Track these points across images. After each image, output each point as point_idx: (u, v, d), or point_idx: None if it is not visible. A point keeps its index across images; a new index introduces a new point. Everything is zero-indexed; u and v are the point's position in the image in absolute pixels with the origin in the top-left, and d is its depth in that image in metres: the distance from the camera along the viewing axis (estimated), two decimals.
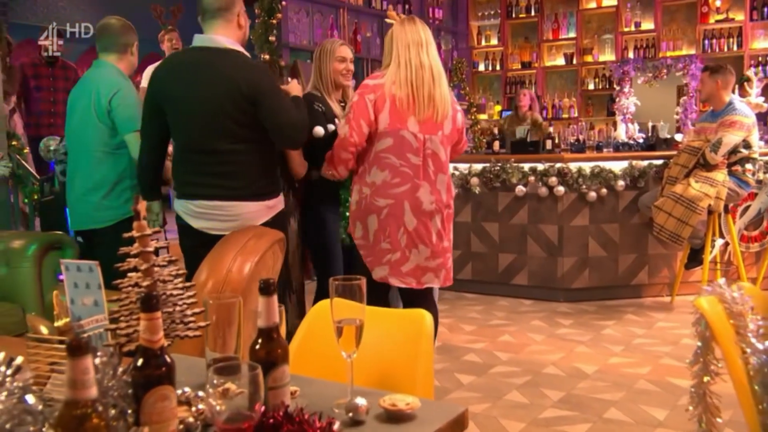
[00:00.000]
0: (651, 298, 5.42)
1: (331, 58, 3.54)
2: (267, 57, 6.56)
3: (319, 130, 3.30)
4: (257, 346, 1.13)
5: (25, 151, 4.72)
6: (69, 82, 6.34)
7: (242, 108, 2.73)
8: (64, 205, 4.22)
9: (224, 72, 2.77)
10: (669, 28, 8.35)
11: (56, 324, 1.30)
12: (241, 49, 2.85)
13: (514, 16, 9.22)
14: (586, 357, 4.08)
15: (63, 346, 1.28)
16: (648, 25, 8.43)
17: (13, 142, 4.66)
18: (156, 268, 1.18)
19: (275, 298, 1.12)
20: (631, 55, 8.46)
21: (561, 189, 5.26)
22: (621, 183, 5.28)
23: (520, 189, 5.38)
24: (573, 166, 5.28)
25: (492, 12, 9.37)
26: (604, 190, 5.28)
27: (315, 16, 7.26)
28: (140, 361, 1.03)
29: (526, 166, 5.41)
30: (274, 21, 6.66)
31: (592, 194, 5.26)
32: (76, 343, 0.84)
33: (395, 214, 3.02)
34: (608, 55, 8.71)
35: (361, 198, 3.09)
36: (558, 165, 5.30)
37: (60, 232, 3.96)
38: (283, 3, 6.72)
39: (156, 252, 1.18)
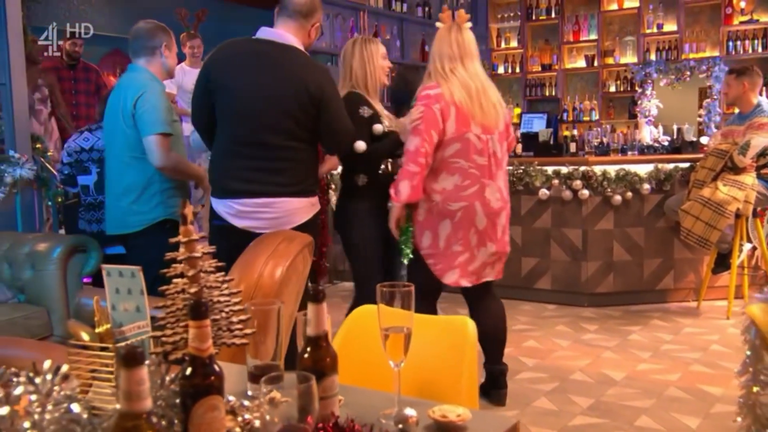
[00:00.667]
0: (677, 304, 5.34)
1: (377, 55, 3.41)
2: None
3: (360, 145, 3.21)
4: (306, 355, 1.10)
5: (49, 153, 4.72)
6: (91, 84, 6.35)
7: (306, 108, 2.76)
8: None
9: (291, 69, 2.77)
10: (692, 29, 8.26)
11: (97, 330, 1.27)
12: (302, 47, 2.86)
13: (534, 18, 9.16)
14: (613, 363, 4.01)
15: (105, 353, 1.26)
16: (671, 26, 8.33)
17: (37, 145, 4.66)
18: (202, 274, 1.15)
19: (324, 305, 1.09)
20: (653, 57, 8.36)
21: (585, 192, 5.20)
22: (646, 186, 5.21)
23: (544, 192, 5.32)
24: (598, 169, 5.22)
25: (512, 14, 9.32)
26: (629, 194, 5.22)
27: (336, 19, 7.24)
28: (189, 370, 1.00)
29: (550, 169, 5.35)
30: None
31: (617, 197, 5.20)
32: (131, 353, 0.81)
33: (468, 216, 3.11)
34: (630, 57, 8.62)
35: (431, 206, 3.13)
36: (582, 168, 5.24)
37: (84, 235, 3.95)
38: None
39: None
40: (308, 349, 1.10)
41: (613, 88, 8.81)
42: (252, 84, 2.77)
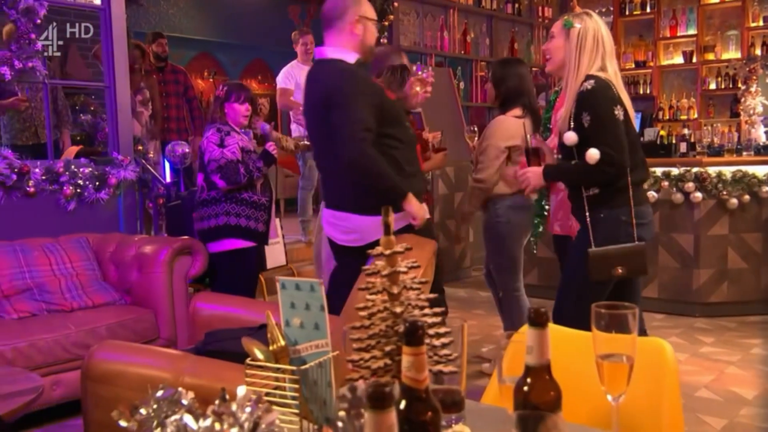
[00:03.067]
0: None
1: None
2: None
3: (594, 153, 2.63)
4: (526, 388, 0.95)
5: (150, 155, 4.75)
6: (179, 85, 6.40)
7: (321, 116, 2.76)
8: (190, 210, 4.21)
9: (318, 83, 2.83)
10: None
11: (270, 348, 1.16)
12: (345, 57, 2.79)
13: (627, 13, 8.79)
14: (740, 380, 3.72)
15: (280, 375, 1.14)
16: None
17: (138, 147, 4.69)
18: (405, 291, 1.02)
19: (548, 330, 0.94)
20: (758, 51, 7.88)
21: (698, 195, 4.89)
22: (765, 189, 4.86)
23: (652, 195, 5.03)
24: (712, 171, 4.90)
25: (604, 9, 8.97)
26: (746, 197, 4.88)
27: (425, 17, 7.10)
28: (403, 403, 0.87)
29: (659, 171, 5.06)
30: (386, 23, 6.58)
31: (733, 201, 4.87)
32: (379, 392, 0.68)
33: None
34: (732, 53, 8.16)
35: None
36: (695, 169, 4.93)
37: (190, 237, 3.93)
38: (395, 4, 6.64)
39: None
40: (528, 380, 0.95)
41: (713, 86, 8.36)
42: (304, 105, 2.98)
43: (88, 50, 6.12)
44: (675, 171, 4.99)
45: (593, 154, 2.53)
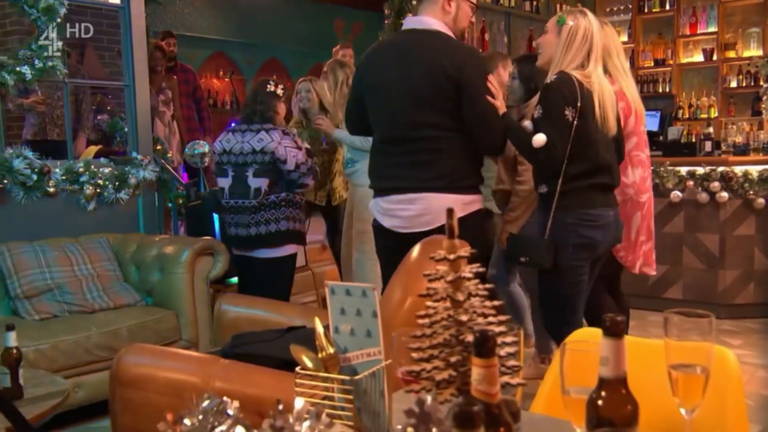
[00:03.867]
0: None
1: None
2: None
3: (540, 138, 2.67)
4: (600, 401, 0.89)
5: (169, 155, 4.71)
6: (189, 85, 6.36)
7: (445, 93, 2.58)
8: (211, 211, 4.18)
9: (426, 54, 2.62)
10: None
11: (319, 355, 1.11)
12: (448, 32, 2.67)
13: (646, 10, 8.67)
14: None
15: (330, 385, 1.09)
16: None
17: (157, 147, 4.66)
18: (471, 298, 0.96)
19: (624, 341, 0.88)
20: None
21: (724, 195, 4.80)
22: None
23: (676, 195, 4.95)
24: (738, 170, 4.82)
25: (622, 7, 8.86)
26: None
27: None
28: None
29: (683, 170, 4.97)
30: (402, 22, 6.52)
31: (760, 200, 4.78)
32: (466, 413, 0.63)
33: (651, 206, 3.18)
34: (754, 50, 8.02)
35: (625, 199, 3.02)
36: (721, 168, 4.84)
37: (211, 238, 3.90)
38: (413, 2, 6.57)
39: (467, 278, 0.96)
40: (603, 394, 0.89)
41: (734, 84, 8.23)
42: (390, 79, 2.68)
43: (105, 50, 6.10)
44: (700, 170, 4.91)
45: (540, 139, 2.57)
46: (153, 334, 3.45)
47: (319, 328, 1.12)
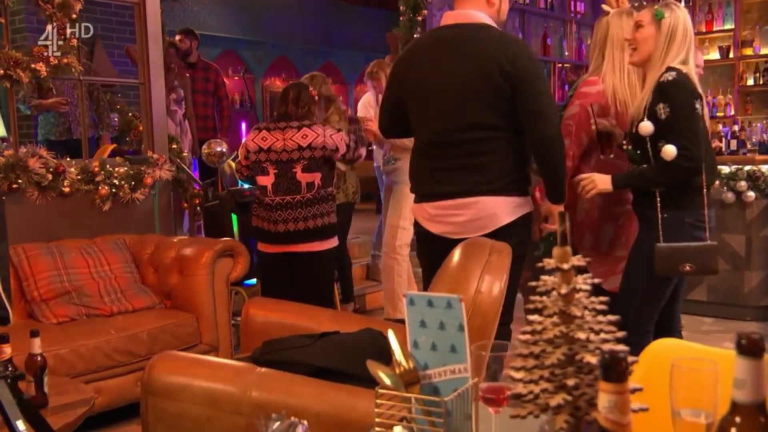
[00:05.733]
0: None
1: None
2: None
3: (671, 150, 2.44)
4: (734, 429, 0.80)
5: (185, 154, 4.62)
6: (209, 83, 6.26)
7: (499, 90, 2.43)
8: (229, 211, 4.09)
9: (477, 48, 2.45)
10: None
11: (397, 371, 1.01)
12: (495, 25, 2.53)
13: None
14: None
15: (409, 405, 1.00)
16: None
17: (173, 146, 4.57)
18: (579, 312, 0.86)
19: (764, 362, 0.79)
20: None
21: (751, 194, 4.70)
22: None
23: None
24: (765, 169, 4.71)
25: (635, 3, 8.76)
26: None
27: None
28: None
29: None
30: (420, 17, 6.42)
31: None
32: None
33: (632, 219, 2.80)
34: None
35: (592, 206, 2.79)
36: (747, 167, 4.74)
37: (231, 239, 3.81)
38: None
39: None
40: (737, 420, 0.80)
41: (751, 81, 8.12)
42: (438, 77, 2.52)
43: (114, 47, 6.02)
44: (726, 169, 4.80)
45: (670, 150, 2.43)
46: (173, 337, 3.36)
47: (395, 342, 1.02)
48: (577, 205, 2.88)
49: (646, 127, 2.47)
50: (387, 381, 1.00)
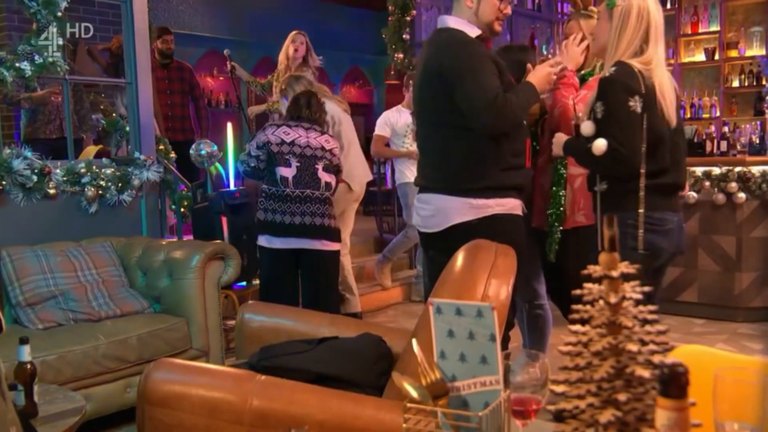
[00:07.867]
0: None
1: None
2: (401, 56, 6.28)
3: (600, 144, 2.37)
4: None
5: (171, 155, 4.54)
6: (185, 83, 6.16)
7: (436, 88, 2.54)
8: (219, 213, 4.02)
9: (428, 51, 2.65)
10: None
11: (424, 383, 0.96)
12: (466, 29, 2.55)
13: None
14: None
15: (437, 419, 0.94)
16: None
17: (160, 147, 4.48)
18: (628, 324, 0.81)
19: None
20: None
21: (742, 195, 4.71)
22: None
23: (692, 195, 4.85)
24: (756, 170, 4.72)
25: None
26: None
27: (447, 12, 6.91)
28: None
29: (699, 170, 4.87)
30: (408, 18, 6.39)
31: None
32: None
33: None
34: (756, 50, 7.96)
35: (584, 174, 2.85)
36: (738, 169, 4.75)
37: (222, 241, 3.73)
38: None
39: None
40: None
41: (736, 83, 8.17)
42: (415, 80, 2.77)
43: (95, 49, 5.90)
44: (716, 170, 4.81)
45: (600, 144, 2.34)
46: (163, 343, 3.28)
47: (419, 352, 0.97)
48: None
49: (587, 127, 2.39)
50: (414, 393, 0.95)
